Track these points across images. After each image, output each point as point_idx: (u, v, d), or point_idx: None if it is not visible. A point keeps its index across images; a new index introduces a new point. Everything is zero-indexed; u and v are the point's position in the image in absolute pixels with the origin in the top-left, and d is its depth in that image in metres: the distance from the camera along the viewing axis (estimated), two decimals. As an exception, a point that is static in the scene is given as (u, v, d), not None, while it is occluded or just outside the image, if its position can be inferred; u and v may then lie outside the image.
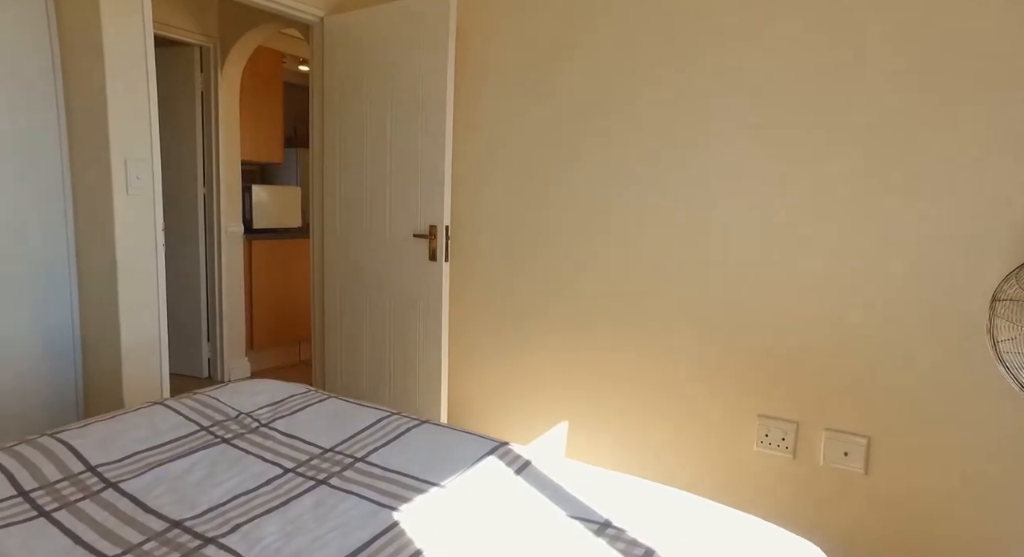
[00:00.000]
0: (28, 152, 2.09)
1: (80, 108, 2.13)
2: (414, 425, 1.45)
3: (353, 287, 2.72)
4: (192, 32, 3.20)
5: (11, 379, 2.09)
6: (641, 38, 2.01)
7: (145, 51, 2.13)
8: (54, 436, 1.29)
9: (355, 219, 2.69)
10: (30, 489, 1.11)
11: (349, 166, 2.69)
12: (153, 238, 2.22)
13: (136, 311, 2.18)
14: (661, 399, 2.05)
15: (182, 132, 3.34)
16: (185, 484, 1.17)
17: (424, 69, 2.38)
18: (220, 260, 3.36)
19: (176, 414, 1.45)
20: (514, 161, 2.36)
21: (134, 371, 2.19)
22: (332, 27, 2.70)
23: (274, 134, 3.92)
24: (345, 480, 1.20)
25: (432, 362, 2.47)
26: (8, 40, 2.00)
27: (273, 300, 3.68)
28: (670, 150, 1.98)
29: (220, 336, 3.41)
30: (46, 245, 2.15)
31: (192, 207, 3.36)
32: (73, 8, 2.08)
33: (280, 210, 3.84)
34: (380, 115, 2.55)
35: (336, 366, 2.82)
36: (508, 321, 2.42)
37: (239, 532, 1.02)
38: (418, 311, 2.50)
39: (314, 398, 1.61)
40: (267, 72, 3.81)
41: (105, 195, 2.12)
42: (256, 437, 1.38)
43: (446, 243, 2.41)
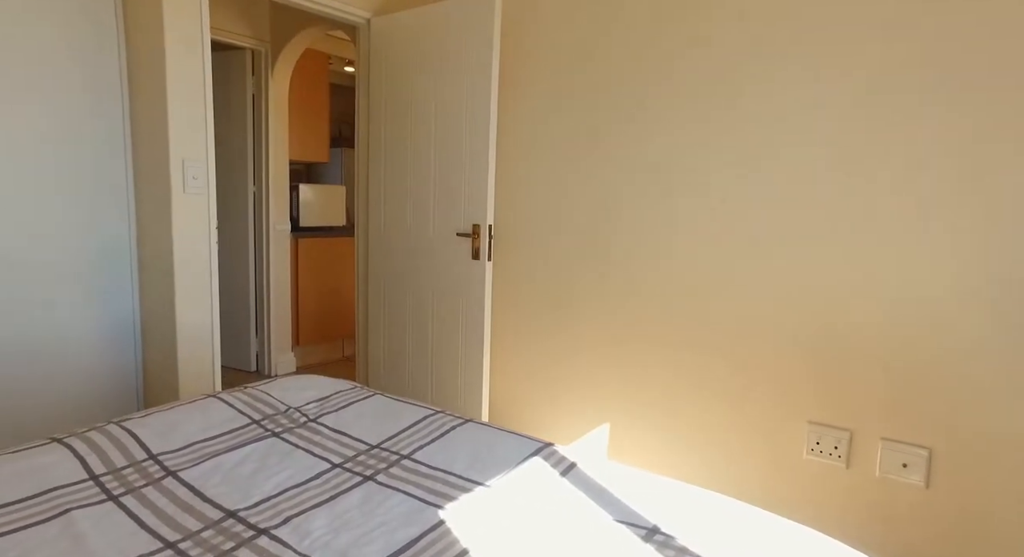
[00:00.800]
0: (100, 153, 2.19)
1: (143, 111, 2.22)
2: (458, 424, 1.45)
3: (396, 285, 2.76)
4: (245, 36, 3.30)
5: (80, 366, 2.19)
6: (708, 32, 1.97)
7: (203, 57, 2.20)
8: (119, 424, 1.35)
9: (399, 218, 2.72)
10: (100, 473, 1.17)
11: (393, 165, 2.73)
12: (207, 235, 2.30)
13: (191, 305, 2.26)
14: (706, 403, 2.01)
15: (234, 133, 3.45)
16: (239, 475, 1.20)
17: (469, 68, 2.39)
18: (268, 257, 3.46)
19: (229, 407, 1.50)
20: (560, 161, 2.34)
21: (188, 362, 2.27)
22: (378, 28, 2.74)
23: (320, 134, 4.01)
24: (391, 477, 1.21)
25: (474, 361, 2.48)
26: (83, 49, 2.10)
27: (318, 297, 3.77)
28: (719, 150, 1.94)
29: (268, 331, 3.51)
30: (112, 241, 2.25)
31: (243, 205, 3.47)
32: (139, 18, 2.17)
33: (325, 209, 3.92)
34: (424, 114, 2.57)
35: (379, 363, 2.87)
36: (551, 321, 2.42)
37: (290, 524, 1.05)
38: (460, 310, 2.52)
39: (360, 394, 1.64)
40: (314, 74, 3.90)
41: (164, 194, 2.20)
42: (304, 432, 1.41)
43: (489, 242, 2.41)
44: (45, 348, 2.11)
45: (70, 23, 2.08)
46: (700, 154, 1.98)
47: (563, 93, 2.31)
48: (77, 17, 2.09)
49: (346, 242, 3.88)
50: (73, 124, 2.11)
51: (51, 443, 1.26)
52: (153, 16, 2.12)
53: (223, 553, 0.96)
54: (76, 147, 2.13)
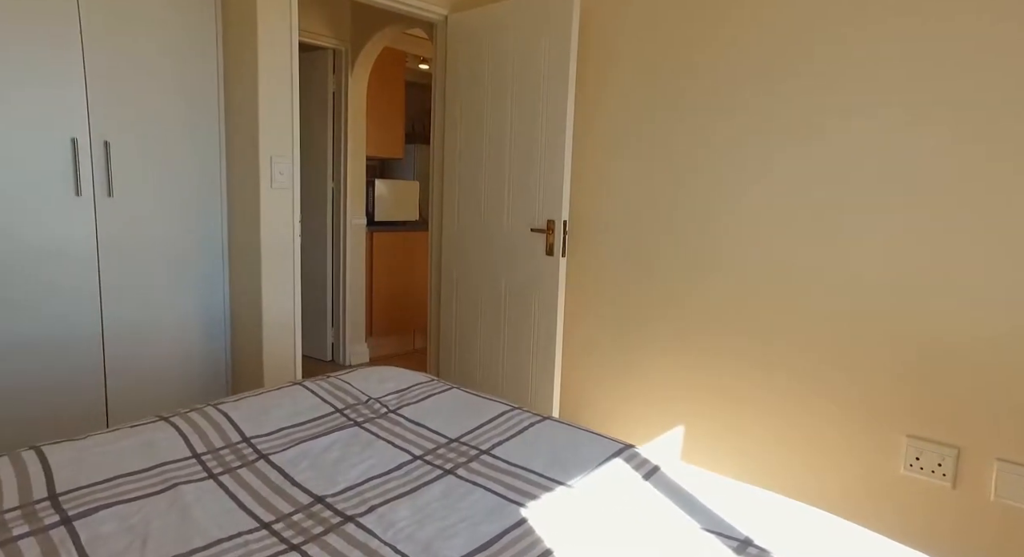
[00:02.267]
0: (198, 151, 2.32)
1: (236, 110, 2.33)
2: (536, 421, 1.44)
3: (469, 280, 2.78)
4: (327, 37, 3.41)
5: (176, 350, 2.34)
6: (790, 27, 1.87)
7: (291, 59, 2.29)
8: (216, 407, 1.42)
9: (473, 213, 2.74)
10: (201, 452, 1.23)
11: (468, 161, 2.74)
12: (291, 229, 2.39)
13: (275, 296, 2.36)
14: (792, 410, 1.91)
15: (315, 131, 3.58)
16: (325, 462, 1.24)
17: (546, 64, 2.37)
18: (345, 251, 3.57)
19: (313, 395, 1.55)
20: (639, 158, 2.29)
21: (272, 350, 2.38)
22: (455, 24, 2.76)
23: (396, 131, 4.10)
24: (471, 472, 1.21)
25: (546, 357, 2.47)
26: (185, 53, 2.23)
27: (391, 290, 3.86)
28: (807, 142, 1.83)
29: (343, 322, 3.62)
30: (206, 233, 2.38)
31: (322, 200, 3.59)
32: (235, 22, 2.28)
33: (399, 204, 4.01)
34: (500, 110, 2.57)
35: (451, 357, 2.90)
36: (625, 320, 2.37)
37: (375, 513, 1.07)
38: (533, 306, 2.51)
39: (438, 388, 1.65)
40: (391, 71, 3.99)
41: (253, 189, 2.31)
42: (385, 422, 1.44)
43: (564, 238, 2.39)
44: (149, 331, 2.26)
45: (176, 37, 2.20)
46: (785, 145, 1.88)
47: (641, 87, 2.24)
48: (180, 31, 2.22)
49: (419, 236, 3.95)
50: (176, 126, 2.25)
51: (159, 421, 1.35)
52: (247, 23, 2.22)
53: (313, 537, 0.99)
54: (179, 146, 2.26)
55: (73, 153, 2.00)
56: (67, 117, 1.98)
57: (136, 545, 0.94)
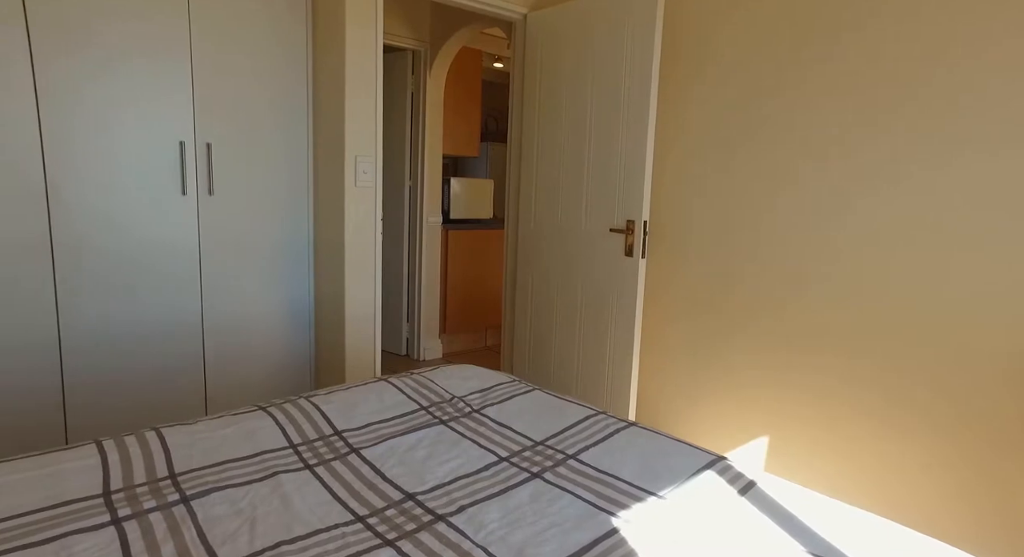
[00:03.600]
0: (288, 151, 2.42)
1: (324, 112, 2.41)
2: (622, 427, 1.41)
3: (545, 279, 2.77)
4: (407, 38, 3.48)
5: (266, 341, 2.46)
6: (912, 23, 1.74)
7: (376, 62, 2.35)
8: (308, 399, 1.48)
9: (549, 212, 2.72)
10: (297, 443, 1.28)
11: (546, 159, 2.73)
12: (373, 226, 2.45)
13: (357, 291, 2.43)
14: (889, 426, 1.79)
15: (394, 130, 3.66)
16: (413, 459, 1.26)
17: (628, 62, 2.32)
18: (421, 248, 3.64)
19: (399, 392, 1.58)
20: (725, 161, 2.20)
21: (354, 344, 2.45)
22: (534, 23, 2.75)
23: (472, 129, 4.14)
24: (558, 476, 1.20)
25: (622, 360, 2.43)
26: (278, 58, 2.33)
27: (465, 287, 3.91)
28: (908, 141, 1.70)
29: (418, 318, 3.70)
30: (294, 230, 2.49)
31: (400, 198, 3.68)
32: (324, 28, 2.36)
33: (474, 202, 4.05)
34: (579, 108, 2.54)
35: (524, 356, 2.90)
36: (705, 327, 2.29)
37: (465, 513, 1.07)
38: (610, 307, 2.47)
39: (520, 389, 1.65)
40: (468, 71, 4.02)
41: (338, 187, 2.39)
42: (470, 422, 1.45)
43: (644, 239, 2.34)
44: (242, 323, 2.38)
45: (270, 44, 2.31)
46: (883, 145, 1.75)
47: (737, 87, 2.15)
48: (275, 39, 2.32)
49: (493, 234, 3.98)
50: (269, 128, 2.35)
51: (257, 410, 1.41)
52: (336, 28, 2.29)
53: (406, 533, 1.01)
54: (272, 147, 2.37)
55: (180, 155, 2.13)
56: (177, 122, 2.11)
57: (245, 529, 0.99)
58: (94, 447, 1.20)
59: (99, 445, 1.21)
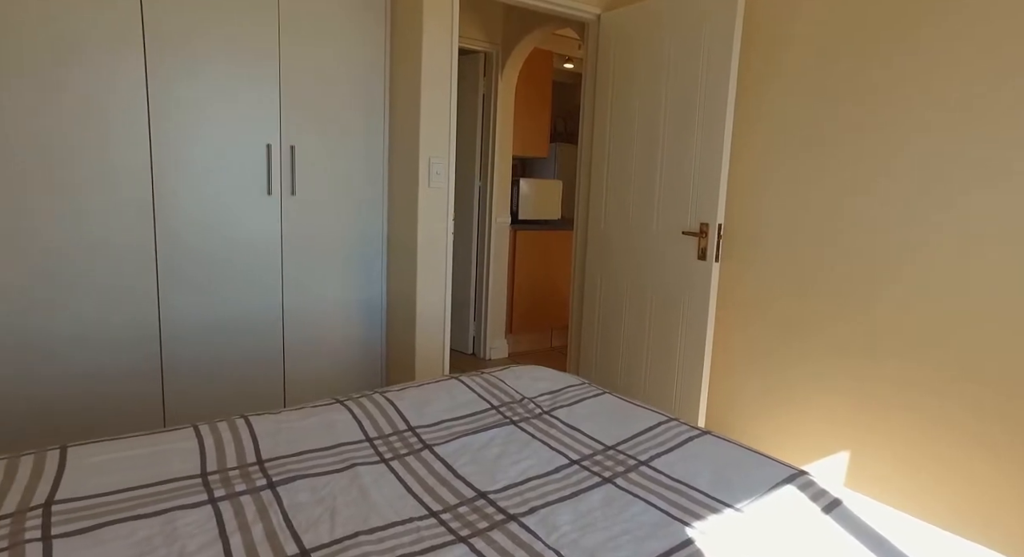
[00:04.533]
0: (365, 152, 2.51)
1: (400, 114, 2.48)
2: (695, 435, 1.38)
3: (614, 281, 2.74)
4: (479, 40, 3.53)
5: (341, 337, 2.55)
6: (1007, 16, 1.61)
7: (451, 64, 2.39)
8: (383, 394, 1.53)
9: (620, 214, 2.69)
10: (373, 437, 1.33)
11: (617, 160, 2.70)
12: (445, 226, 2.50)
13: (428, 290, 2.49)
14: (994, 448, 1.65)
15: (465, 131, 3.72)
16: (485, 457, 1.28)
17: (704, 62, 2.26)
18: (489, 248, 3.68)
19: (469, 390, 1.61)
20: (804, 162, 2.10)
21: (424, 342, 2.51)
22: (608, 23, 2.72)
23: (541, 130, 4.15)
24: (630, 482, 1.19)
25: (692, 366, 2.36)
26: (358, 63, 2.42)
27: (531, 288, 3.92)
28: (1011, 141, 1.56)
29: (485, 317, 3.75)
30: (369, 230, 2.57)
31: (469, 198, 3.73)
32: (402, 32, 2.43)
33: (543, 203, 4.05)
34: (653, 109, 2.49)
35: (591, 358, 2.88)
36: (782, 332, 2.19)
37: (537, 515, 1.08)
38: (681, 311, 2.41)
39: (590, 392, 1.64)
40: (538, 72, 4.03)
41: (411, 187, 2.45)
42: (540, 423, 1.45)
43: (718, 242, 2.27)
44: (319, 318, 2.48)
45: (351, 49, 2.40)
46: (971, 144, 1.61)
47: (802, 87, 2.06)
48: (355, 44, 2.41)
49: (561, 235, 3.97)
50: (348, 129, 2.45)
51: (335, 403, 1.47)
52: (413, 32, 2.35)
53: (479, 531, 1.02)
54: (349, 148, 2.46)
55: (267, 157, 2.25)
56: (265, 125, 2.23)
57: (326, 517, 1.03)
58: (192, 431, 1.29)
59: (196, 429, 1.30)
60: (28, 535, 0.90)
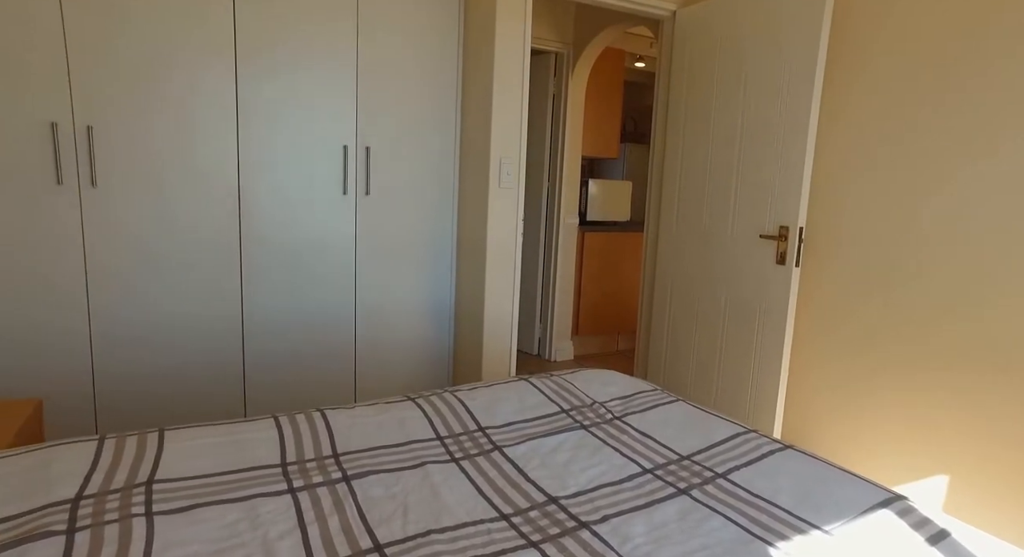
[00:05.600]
0: (437, 153, 2.55)
1: (471, 115, 2.50)
2: (776, 449, 1.31)
3: (685, 285, 2.66)
4: (550, 41, 3.51)
5: (410, 335, 2.60)
6: None
7: (523, 66, 2.39)
8: (453, 393, 1.54)
9: (693, 216, 2.61)
10: (443, 436, 1.34)
11: (691, 161, 2.62)
12: (515, 227, 2.50)
13: (497, 291, 2.49)
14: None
15: (534, 132, 3.72)
16: (555, 462, 1.26)
17: (787, 58, 2.15)
18: (557, 249, 3.66)
19: (539, 392, 1.59)
20: (891, 162, 1.96)
21: (491, 342, 2.52)
22: (684, 20, 2.64)
23: (611, 130, 4.09)
24: (707, 495, 1.14)
25: (768, 375, 2.26)
26: (432, 66, 2.46)
27: (599, 290, 3.87)
28: None
29: (551, 318, 3.73)
30: (440, 229, 2.61)
31: (537, 199, 3.72)
32: (475, 34, 2.45)
33: (611, 204, 3.99)
34: (731, 107, 2.40)
35: (659, 363, 2.81)
36: (865, 343, 2.06)
37: (609, 523, 1.05)
38: (757, 317, 2.31)
39: (662, 398, 1.59)
40: (610, 71, 3.98)
41: (482, 188, 2.46)
42: (611, 429, 1.42)
43: (799, 246, 2.15)
44: (389, 316, 2.54)
45: (426, 52, 2.44)
46: None
47: (889, 87, 1.91)
48: (430, 47, 2.45)
49: (630, 237, 3.90)
50: (420, 130, 2.49)
51: (407, 401, 1.49)
52: (486, 34, 2.36)
53: (550, 537, 1.00)
54: (421, 149, 2.50)
55: (344, 158, 2.32)
56: (342, 128, 2.30)
57: (399, 513, 1.04)
58: (272, 421, 1.34)
59: (276, 420, 1.35)
60: (134, 510, 0.96)
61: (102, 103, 1.88)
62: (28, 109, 1.80)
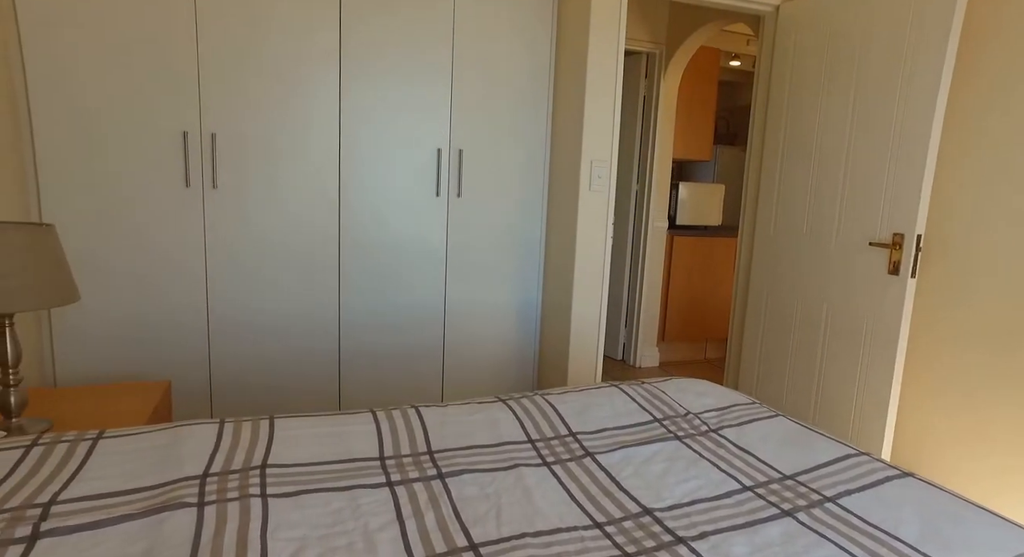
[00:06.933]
0: (527, 156, 2.57)
1: (563, 117, 2.50)
2: (894, 475, 1.21)
3: (781, 294, 2.52)
4: (643, 41, 3.45)
5: (496, 336, 2.63)
6: None
7: (616, 67, 2.36)
8: (543, 397, 1.54)
9: (794, 221, 2.47)
10: (535, 439, 1.34)
11: (792, 163, 2.48)
12: (604, 231, 2.47)
13: (584, 295, 2.47)
14: None
15: (624, 134, 3.66)
16: (649, 472, 1.23)
17: (908, 56, 1.99)
18: (644, 253, 3.58)
19: (631, 400, 1.56)
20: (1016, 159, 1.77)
21: (577, 346, 2.50)
22: (787, 15, 2.51)
23: (705, 132, 3.96)
24: (815, 520, 1.07)
25: (877, 393, 2.10)
26: (523, 69, 2.48)
27: (687, 296, 3.75)
28: None
29: (636, 324, 3.65)
30: (528, 231, 2.62)
31: (625, 202, 3.67)
32: (569, 37, 2.44)
33: (703, 208, 3.86)
34: (839, 106, 2.25)
35: (751, 375, 2.68)
36: (997, 365, 1.86)
37: (708, 541, 1.01)
38: (864, 331, 2.15)
39: (760, 412, 1.52)
40: (704, 71, 3.85)
41: (572, 192, 2.45)
42: (707, 441, 1.37)
43: (916, 256, 1.99)
44: (476, 316, 2.58)
45: (517, 56, 2.46)
46: None
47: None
48: (521, 51, 2.47)
49: (721, 242, 3.76)
50: (512, 134, 2.51)
51: (498, 402, 1.51)
52: (579, 35, 2.35)
53: (646, 550, 0.98)
54: (512, 152, 2.53)
55: (436, 161, 2.39)
56: (436, 131, 2.37)
57: (493, 513, 1.05)
58: (370, 416, 1.39)
59: (374, 414, 1.40)
60: (251, 491, 1.03)
61: (223, 113, 2.04)
62: (166, 121, 1.98)
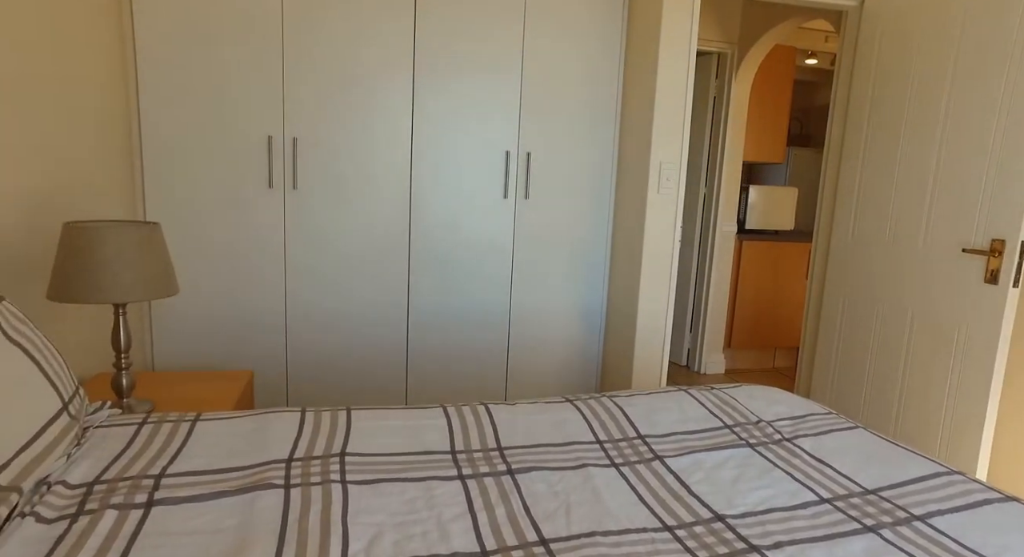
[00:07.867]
0: (595, 158, 2.56)
1: (632, 119, 2.48)
2: (995, 498, 1.14)
3: (860, 302, 2.41)
4: (714, 41, 3.37)
5: (560, 337, 2.64)
6: None
7: (688, 68, 2.32)
8: (611, 399, 1.54)
9: (875, 225, 2.35)
10: (603, 440, 1.34)
11: (875, 164, 2.37)
12: (672, 234, 2.44)
13: (650, 298, 2.44)
14: None
15: (693, 136, 3.59)
16: (720, 478, 1.21)
17: (1015, 50, 1.86)
18: (712, 257, 3.50)
19: (700, 405, 1.53)
20: None
21: (642, 350, 2.47)
22: (873, 9, 2.40)
23: (778, 134, 3.83)
24: (902, 538, 1.02)
25: (969, 410, 1.97)
26: (592, 72, 2.48)
27: (756, 302, 3.64)
28: None
29: (702, 329, 3.57)
30: (594, 233, 2.62)
31: (693, 205, 3.59)
32: (639, 36, 2.43)
33: (774, 211, 3.74)
34: (931, 106, 2.13)
35: (825, 385, 2.57)
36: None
37: (784, 551, 0.98)
38: (955, 342, 2.03)
39: (838, 423, 1.46)
40: (778, 71, 3.73)
41: (640, 194, 2.43)
42: (780, 450, 1.33)
43: (1019, 263, 1.86)
44: (541, 317, 2.60)
45: (586, 59, 2.47)
46: None
47: None
48: (590, 54, 2.47)
49: (793, 247, 3.62)
50: (579, 136, 2.52)
51: (565, 402, 1.52)
52: (650, 36, 2.33)
53: (718, 556, 0.96)
54: (580, 154, 2.53)
55: (505, 163, 2.42)
56: (505, 133, 2.41)
57: (562, 511, 1.06)
58: (441, 410, 1.43)
59: (445, 410, 1.44)
60: (332, 476, 1.09)
61: (304, 117, 2.15)
62: (254, 126, 2.10)
